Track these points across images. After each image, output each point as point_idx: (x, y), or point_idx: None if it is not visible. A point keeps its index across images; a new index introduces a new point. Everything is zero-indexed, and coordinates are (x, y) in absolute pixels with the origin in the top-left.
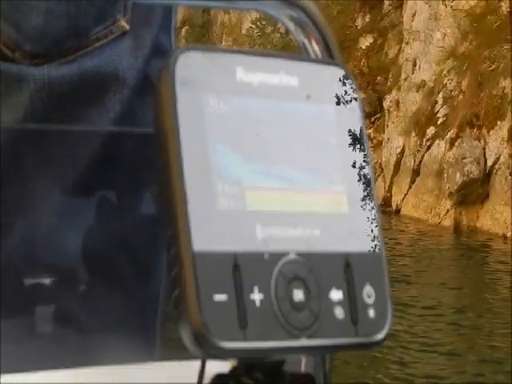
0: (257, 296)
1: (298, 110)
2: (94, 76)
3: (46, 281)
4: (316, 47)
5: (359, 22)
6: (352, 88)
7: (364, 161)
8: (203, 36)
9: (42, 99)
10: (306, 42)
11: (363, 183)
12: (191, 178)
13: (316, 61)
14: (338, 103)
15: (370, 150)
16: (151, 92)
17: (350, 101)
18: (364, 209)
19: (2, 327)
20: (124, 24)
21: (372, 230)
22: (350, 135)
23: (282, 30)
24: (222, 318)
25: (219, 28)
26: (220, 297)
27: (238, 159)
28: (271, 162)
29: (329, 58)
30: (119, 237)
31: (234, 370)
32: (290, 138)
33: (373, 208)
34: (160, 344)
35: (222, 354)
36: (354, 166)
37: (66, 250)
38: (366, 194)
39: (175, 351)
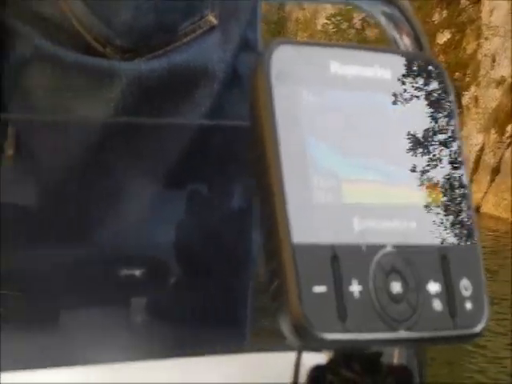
0: (355, 288)
1: (391, 103)
2: (184, 70)
3: (137, 272)
4: (407, 41)
5: (436, 17)
6: (445, 81)
7: (457, 154)
8: (278, 33)
9: (132, 94)
10: (397, 36)
11: (457, 176)
12: (288, 171)
13: (409, 54)
14: (430, 96)
15: (462, 143)
16: (239, 86)
17: (443, 94)
18: (458, 202)
19: (99, 316)
20: (212, 19)
21: (467, 223)
22: (442, 128)
23: (358, 26)
24: (321, 310)
25: (294, 24)
26: (319, 288)
27: (333, 152)
28: (365, 154)
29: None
30: (210, 230)
31: (331, 362)
32: (383, 131)
33: (467, 201)
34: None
35: (322, 346)
36: (447, 159)
37: (157, 243)
38: (459, 187)
39: (263, 342)
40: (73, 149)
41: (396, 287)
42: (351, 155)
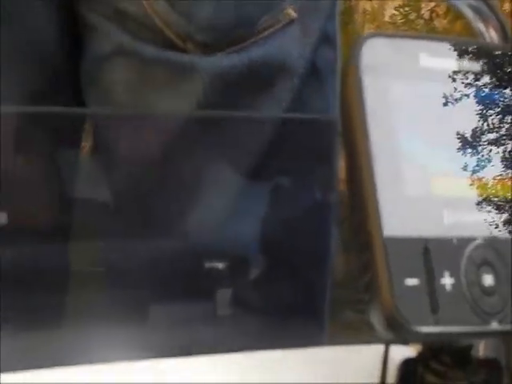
0: (447, 280)
1: (481, 96)
2: (263, 65)
3: (220, 265)
4: (493, 34)
5: (507, 7)
6: None
7: None
8: (346, 24)
9: (212, 88)
10: (483, 29)
11: None
12: (379, 164)
13: (496, 46)
14: None
15: None
16: (318, 80)
17: None
18: None
19: (184, 309)
20: (291, 12)
21: None
22: None
23: (426, 16)
24: (414, 302)
25: (361, 16)
26: (412, 281)
27: (423, 144)
28: (455, 147)
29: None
30: (292, 223)
31: (421, 355)
32: (472, 123)
33: None
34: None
35: (415, 338)
36: None
37: (239, 236)
38: None
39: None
40: (154, 143)
41: (488, 280)
42: (441, 148)
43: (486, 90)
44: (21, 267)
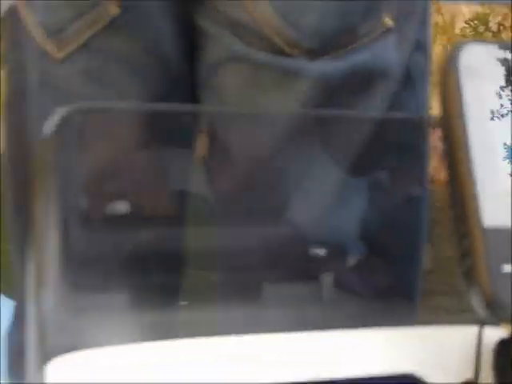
0: None
1: None
2: (364, 70)
3: (322, 252)
4: None
5: None
6: None
7: None
8: None
9: (317, 91)
10: None
11: None
12: (478, 159)
13: None
14: None
15: None
16: (411, 87)
17: None
18: None
19: (294, 291)
20: (389, 21)
21: None
22: None
23: (494, 29)
24: (510, 287)
25: (433, 28)
26: (508, 267)
27: None
28: None
29: None
30: (387, 214)
31: None
32: None
33: None
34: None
35: (510, 319)
36: None
37: (340, 225)
38: None
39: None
40: (265, 140)
41: None
42: None
43: None
44: (141, 250)
